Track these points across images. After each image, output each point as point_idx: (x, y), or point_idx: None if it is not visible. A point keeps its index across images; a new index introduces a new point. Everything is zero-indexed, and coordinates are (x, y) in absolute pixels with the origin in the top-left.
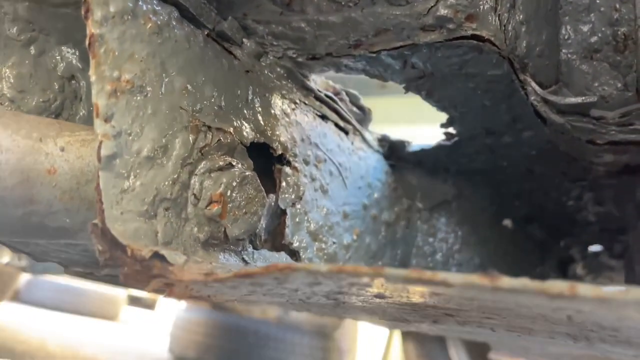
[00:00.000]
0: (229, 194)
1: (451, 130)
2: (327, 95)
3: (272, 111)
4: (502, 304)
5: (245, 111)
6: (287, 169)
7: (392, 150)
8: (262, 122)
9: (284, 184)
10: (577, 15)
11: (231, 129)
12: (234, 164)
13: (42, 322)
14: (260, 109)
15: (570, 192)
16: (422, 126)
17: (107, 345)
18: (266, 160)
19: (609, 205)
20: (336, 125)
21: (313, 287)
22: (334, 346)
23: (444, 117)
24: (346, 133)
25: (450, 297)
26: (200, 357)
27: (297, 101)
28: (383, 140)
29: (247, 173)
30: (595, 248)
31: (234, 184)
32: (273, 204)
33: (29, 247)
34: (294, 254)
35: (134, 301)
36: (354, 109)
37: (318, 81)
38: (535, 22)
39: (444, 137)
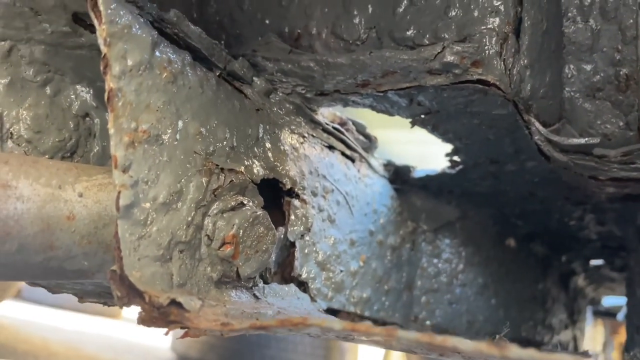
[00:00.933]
0: (241, 234)
1: (456, 158)
2: (334, 127)
3: (282, 147)
4: None
5: (255, 149)
6: (296, 202)
7: (397, 175)
8: (272, 159)
9: (292, 216)
10: (580, 55)
11: (242, 168)
12: (245, 202)
13: (44, 321)
14: (270, 145)
15: (572, 214)
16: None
17: (110, 343)
18: (274, 191)
19: (610, 225)
20: (343, 154)
21: (324, 332)
22: (335, 345)
23: None
24: (352, 161)
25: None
26: (203, 356)
27: (306, 135)
28: (388, 165)
29: (258, 212)
30: (596, 262)
31: (246, 224)
32: (282, 236)
33: (44, 281)
34: (302, 284)
35: None
36: (360, 137)
37: (325, 113)
38: (539, 64)
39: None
